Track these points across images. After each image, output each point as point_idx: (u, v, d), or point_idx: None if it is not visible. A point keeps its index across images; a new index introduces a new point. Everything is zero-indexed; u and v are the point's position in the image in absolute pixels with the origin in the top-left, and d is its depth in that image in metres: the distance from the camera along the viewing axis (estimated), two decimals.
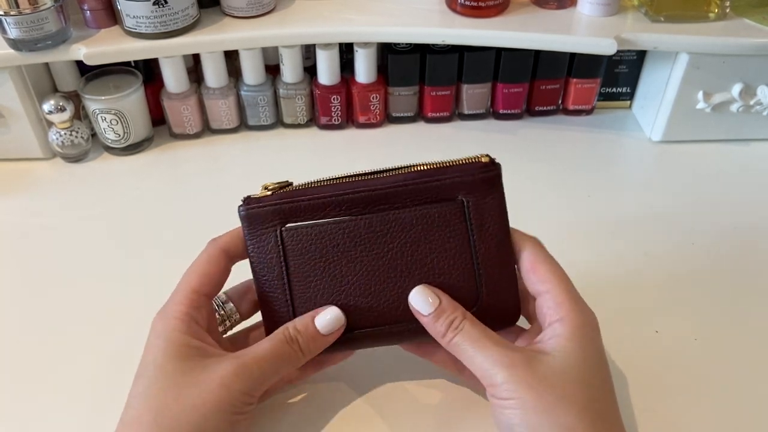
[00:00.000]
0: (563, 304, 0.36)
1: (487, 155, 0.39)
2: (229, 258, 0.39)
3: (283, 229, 0.38)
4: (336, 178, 0.39)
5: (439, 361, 0.41)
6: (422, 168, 0.39)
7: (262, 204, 0.38)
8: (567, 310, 0.36)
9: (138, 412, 0.34)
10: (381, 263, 0.38)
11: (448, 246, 0.38)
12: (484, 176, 0.38)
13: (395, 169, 0.39)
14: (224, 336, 0.41)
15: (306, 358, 0.37)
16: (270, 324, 0.39)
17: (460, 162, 0.39)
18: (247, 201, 0.38)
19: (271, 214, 0.38)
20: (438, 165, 0.39)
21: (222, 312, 0.40)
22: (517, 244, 0.39)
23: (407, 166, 0.39)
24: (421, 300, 0.37)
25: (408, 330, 0.38)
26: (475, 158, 0.39)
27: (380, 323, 0.38)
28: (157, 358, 0.35)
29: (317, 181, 0.39)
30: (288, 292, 0.38)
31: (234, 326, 0.42)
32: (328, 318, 0.38)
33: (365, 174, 0.39)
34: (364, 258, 0.38)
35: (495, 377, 0.34)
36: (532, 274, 0.38)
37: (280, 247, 0.38)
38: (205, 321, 0.38)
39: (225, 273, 0.39)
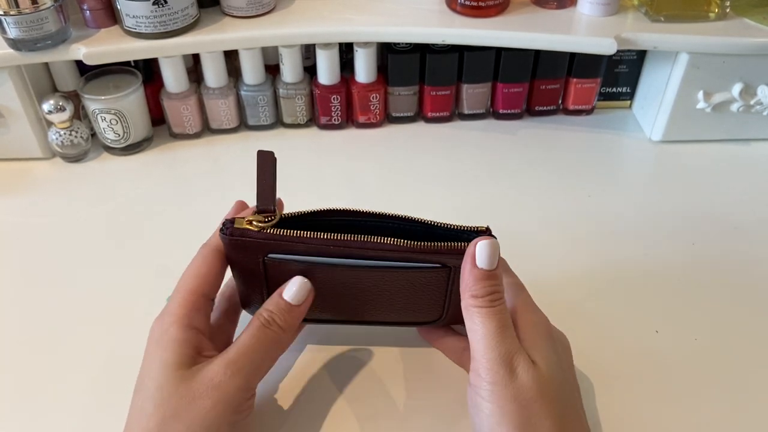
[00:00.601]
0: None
1: (488, 228, 0.37)
2: (223, 257, 0.39)
3: (265, 257, 0.37)
4: (329, 215, 0.38)
5: (445, 348, 0.41)
6: (420, 246, 0.36)
7: (245, 237, 0.36)
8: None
9: (140, 429, 0.34)
10: (358, 297, 0.40)
11: (425, 294, 0.39)
12: None
13: (394, 221, 0.38)
14: None
15: (288, 334, 0.38)
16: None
17: (456, 246, 0.36)
18: (230, 231, 0.36)
19: (254, 248, 0.37)
20: (432, 246, 0.36)
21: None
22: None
23: (406, 220, 0.38)
24: (486, 251, 0.35)
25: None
26: (475, 228, 0.37)
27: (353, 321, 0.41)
28: (152, 368, 0.35)
29: (305, 214, 0.38)
30: (267, 296, 0.39)
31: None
32: (294, 289, 0.38)
33: (357, 214, 0.38)
34: (342, 290, 0.39)
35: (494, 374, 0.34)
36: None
37: (262, 271, 0.38)
38: (204, 322, 0.37)
39: (221, 272, 0.39)
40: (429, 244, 0.36)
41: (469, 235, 0.37)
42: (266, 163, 0.37)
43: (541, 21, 0.62)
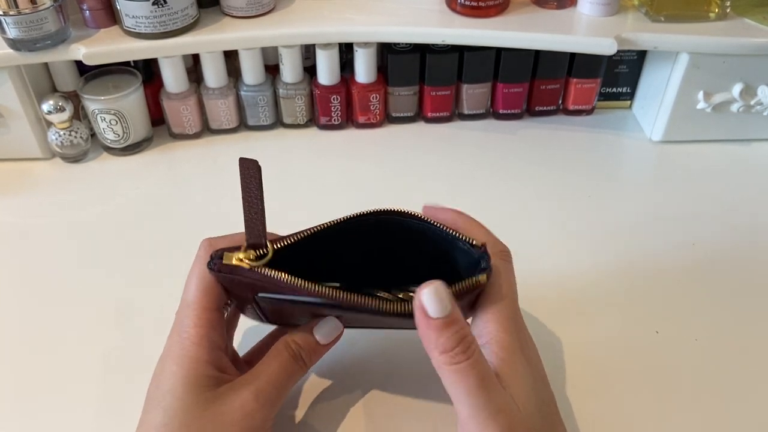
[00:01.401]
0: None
1: (483, 244, 0.35)
2: None
3: (255, 296, 0.36)
4: (325, 240, 0.36)
5: None
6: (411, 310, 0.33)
7: (235, 275, 0.35)
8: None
9: None
10: (350, 322, 0.39)
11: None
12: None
13: (389, 222, 0.37)
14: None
15: (308, 368, 0.38)
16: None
17: (460, 291, 0.33)
18: (218, 267, 0.35)
19: (243, 286, 0.35)
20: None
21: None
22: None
23: (406, 222, 0.37)
24: (433, 299, 0.31)
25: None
26: (475, 282, 0.34)
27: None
28: (176, 388, 0.34)
29: (303, 238, 0.36)
30: (261, 314, 0.39)
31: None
32: (326, 328, 0.38)
33: (358, 222, 0.36)
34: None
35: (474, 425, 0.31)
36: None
37: (254, 303, 0.37)
38: (222, 337, 0.37)
39: None
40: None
41: (464, 244, 0.35)
42: (251, 178, 0.35)
43: (541, 21, 0.61)
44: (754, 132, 0.66)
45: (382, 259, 0.38)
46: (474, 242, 0.35)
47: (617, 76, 0.69)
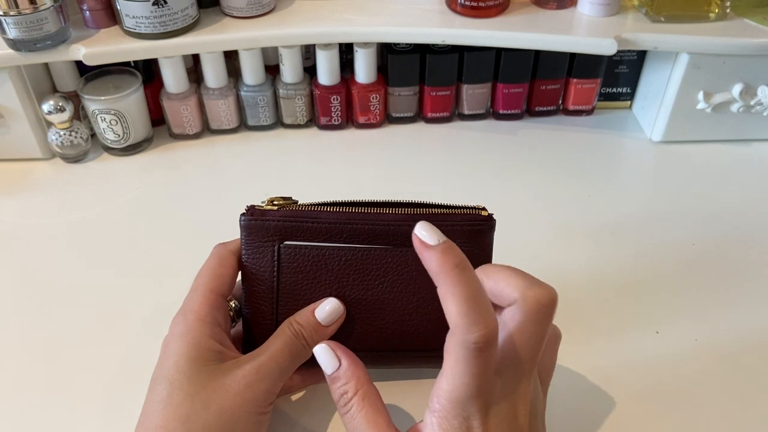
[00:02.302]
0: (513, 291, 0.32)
1: (485, 208, 0.39)
2: (239, 260, 0.39)
3: (281, 245, 0.38)
4: (341, 204, 0.39)
5: None
6: (426, 211, 0.39)
7: (266, 218, 0.38)
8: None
9: (164, 419, 0.34)
10: (368, 294, 0.39)
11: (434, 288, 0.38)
12: (482, 227, 0.39)
13: (400, 205, 0.40)
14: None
15: (310, 351, 0.38)
16: (252, 330, 0.39)
17: (462, 212, 0.39)
18: (251, 212, 0.38)
19: (272, 229, 0.38)
20: (441, 211, 0.39)
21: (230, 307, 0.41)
22: (509, 295, 0.33)
23: (412, 205, 0.40)
24: (325, 358, 0.36)
25: (385, 357, 0.40)
26: (474, 210, 0.39)
27: (357, 349, 0.38)
28: (179, 362, 0.35)
29: (322, 204, 0.39)
30: (275, 305, 0.39)
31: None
32: (327, 309, 0.38)
33: (370, 204, 0.39)
34: (354, 287, 0.39)
35: None
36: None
37: (276, 261, 0.38)
38: (224, 320, 0.38)
39: (235, 275, 0.39)
40: (436, 206, 0.39)
41: (473, 216, 0.39)
42: None
43: (541, 21, 0.61)
44: (754, 132, 0.66)
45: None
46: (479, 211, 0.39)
47: (617, 76, 0.69)
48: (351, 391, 0.35)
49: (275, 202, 0.38)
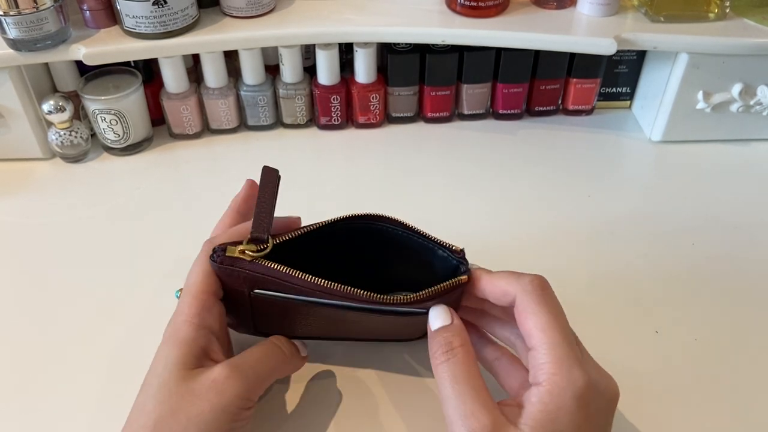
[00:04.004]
0: (545, 366, 0.33)
1: (462, 249, 0.38)
2: None
3: (251, 291, 0.38)
4: (321, 239, 0.38)
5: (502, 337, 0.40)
6: (407, 298, 0.36)
7: (234, 267, 0.37)
8: (547, 375, 0.32)
9: (138, 426, 0.34)
10: (341, 327, 0.41)
11: (409, 326, 0.41)
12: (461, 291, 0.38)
13: (379, 222, 0.39)
14: None
15: (292, 365, 0.39)
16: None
17: (444, 288, 0.36)
18: (221, 259, 0.37)
19: (242, 277, 0.37)
20: (421, 297, 0.36)
21: None
22: (508, 290, 0.36)
23: (392, 228, 0.39)
24: (441, 312, 0.36)
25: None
26: (457, 281, 0.37)
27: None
28: (157, 367, 0.35)
29: (301, 235, 0.38)
30: (252, 320, 0.40)
31: None
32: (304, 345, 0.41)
33: (355, 219, 0.39)
34: (326, 324, 0.40)
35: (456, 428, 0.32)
36: (521, 326, 0.35)
37: (249, 298, 0.38)
38: (217, 321, 0.37)
39: None
40: (412, 296, 0.36)
41: (444, 251, 0.38)
42: (268, 182, 0.38)
43: (540, 21, 0.62)
44: (753, 132, 0.66)
45: (371, 265, 0.40)
46: (453, 248, 0.38)
47: (617, 76, 0.69)
48: (457, 341, 0.35)
49: (247, 251, 0.36)
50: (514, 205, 0.59)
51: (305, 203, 0.59)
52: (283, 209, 0.41)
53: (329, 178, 0.63)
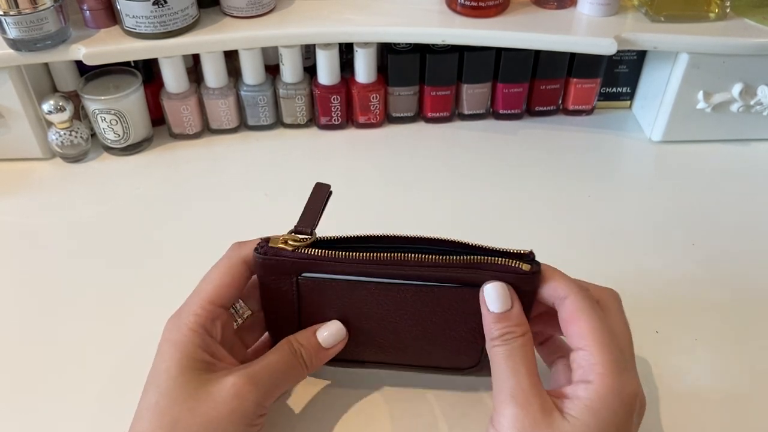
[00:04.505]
0: (597, 366, 0.33)
1: (531, 255, 0.36)
2: (250, 269, 0.38)
3: (299, 278, 0.37)
4: (364, 240, 0.37)
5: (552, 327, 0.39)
6: (459, 260, 0.35)
7: (281, 257, 0.36)
8: (598, 375, 0.33)
9: (150, 426, 0.34)
10: (390, 322, 0.38)
11: (461, 325, 0.38)
12: (522, 282, 0.36)
13: (431, 245, 0.37)
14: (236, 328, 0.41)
15: (309, 370, 0.38)
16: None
17: (496, 262, 0.35)
18: (265, 249, 0.36)
19: (289, 266, 0.37)
20: (476, 261, 0.35)
21: (233, 310, 0.40)
22: (559, 290, 0.36)
23: (445, 243, 0.37)
24: (495, 296, 0.35)
25: (410, 366, 0.41)
26: (517, 252, 0.36)
27: (384, 362, 0.40)
28: (170, 368, 0.35)
29: (343, 238, 0.37)
30: (298, 316, 0.39)
31: (245, 322, 0.41)
32: (327, 333, 0.38)
33: (398, 240, 0.37)
34: (376, 314, 0.38)
35: (504, 408, 0.33)
36: (569, 326, 0.35)
37: (295, 292, 0.38)
38: (220, 332, 0.37)
39: (244, 285, 0.38)
40: (467, 258, 0.35)
41: (509, 257, 0.36)
42: (320, 193, 0.38)
43: (540, 21, 0.62)
44: (753, 132, 0.66)
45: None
46: (522, 252, 0.36)
47: (617, 76, 0.69)
48: (519, 332, 0.35)
49: (290, 242, 0.36)
50: (513, 205, 0.59)
51: (304, 204, 0.59)
52: (282, 210, 0.41)
53: (329, 178, 0.62)
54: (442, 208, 0.59)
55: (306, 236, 0.36)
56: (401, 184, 0.62)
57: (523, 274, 0.35)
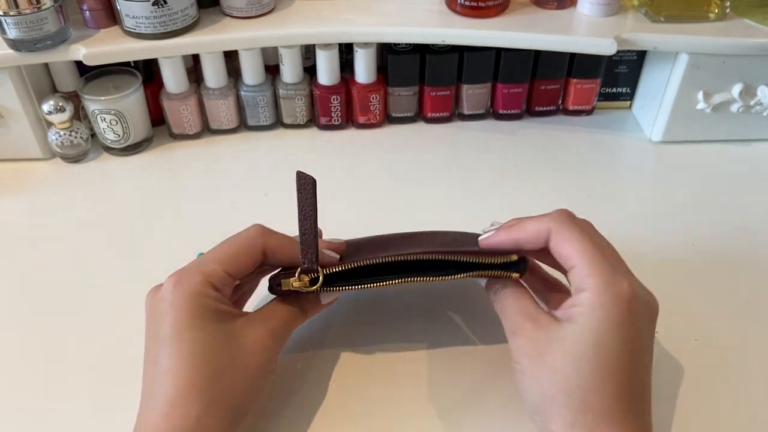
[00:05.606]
0: (586, 276, 0.36)
1: (518, 273, 0.40)
2: (265, 258, 0.40)
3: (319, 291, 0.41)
4: (367, 270, 0.40)
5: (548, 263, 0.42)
6: (457, 278, 0.40)
7: (296, 294, 0.40)
8: (588, 280, 0.36)
9: (189, 380, 0.34)
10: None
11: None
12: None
13: (430, 252, 0.40)
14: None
15: (307, 318, 0.42)
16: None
17: (494, 275, 0.40)
18: (279, 291, 0.39)
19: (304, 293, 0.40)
20: (471, 275, 0.40)
21: None
22: (541, 228, 0.39)
23: (442, 253, 0.40)
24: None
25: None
26: (504, 263, 0.40)
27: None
28: (195, 319, 0.35)
29: (349, 270, 0.39)
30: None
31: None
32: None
33: (398, 264, 0.40)
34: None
35: (517, 328, 0.37)
36: (557, 253, 0.38)
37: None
38: (227, 292, 0.39)
39: (255, 266, 0.40)
40: (463, 276, 0.40)
41: (498, 269, 0.40)
42: (306, 194, 0.38)
43: (540, 21, 0.62)
44: (753, 132, 0.66)
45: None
46: (510, 260, 0.40)
47: (617, 76, 0.69)
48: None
49: (298, 286, 0.39)
50: (513, 205, 0.59)
51: None
52: (282, 210, 0.41)
53: (329, 178, 0.63)
54: (442, 209, 0.59)
55: (314, 273, 0.39)
56: (401, 184, 0.62)
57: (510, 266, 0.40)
